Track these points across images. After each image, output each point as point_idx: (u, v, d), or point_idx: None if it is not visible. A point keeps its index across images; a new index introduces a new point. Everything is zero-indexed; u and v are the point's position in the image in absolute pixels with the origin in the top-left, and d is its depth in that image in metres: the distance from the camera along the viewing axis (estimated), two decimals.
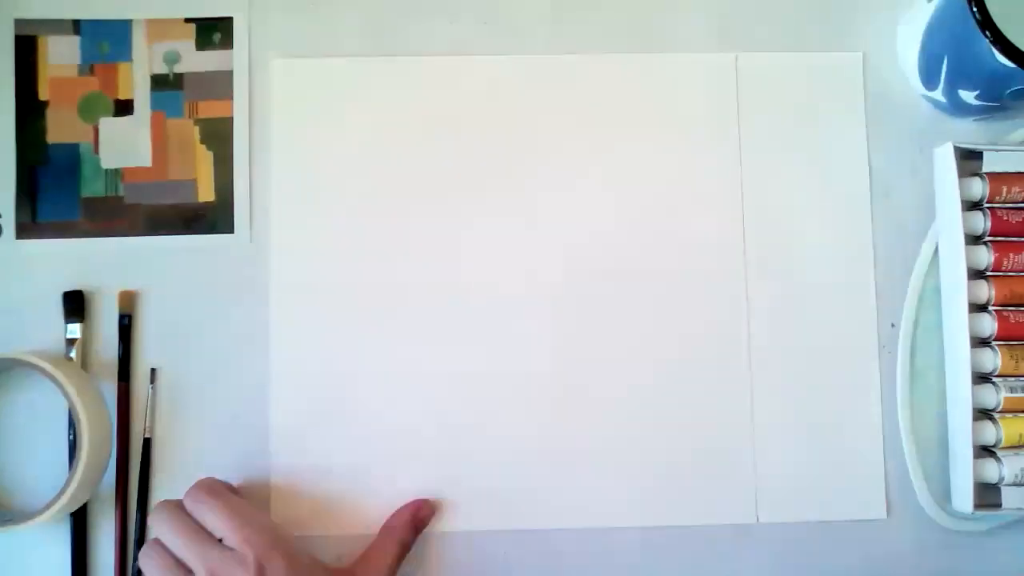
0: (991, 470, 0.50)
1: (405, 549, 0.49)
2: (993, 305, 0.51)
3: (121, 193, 0.52)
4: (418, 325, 0.51)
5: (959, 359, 0.51)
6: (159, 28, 0.53)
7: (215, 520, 0.44)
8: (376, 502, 0.50)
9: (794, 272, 0.52)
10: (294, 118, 0.52)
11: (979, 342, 0.51)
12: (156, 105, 0.53)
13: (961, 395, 0.50)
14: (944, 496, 0.52)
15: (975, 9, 0.45)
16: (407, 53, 0.53)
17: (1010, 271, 0.51)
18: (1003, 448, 0.50)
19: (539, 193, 0.52)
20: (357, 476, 0.50)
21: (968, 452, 0.50)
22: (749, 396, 0.51)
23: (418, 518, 0.50)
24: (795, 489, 0.51)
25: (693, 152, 0.53)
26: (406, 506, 0.50)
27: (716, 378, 0.51)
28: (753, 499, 0.51)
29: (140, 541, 0.50)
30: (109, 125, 0.52)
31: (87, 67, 0.53)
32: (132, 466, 0.51)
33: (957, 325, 0.51)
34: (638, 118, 0.53)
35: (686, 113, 0.53)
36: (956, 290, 0.51)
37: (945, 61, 0.50)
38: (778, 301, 0.52)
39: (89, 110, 0.52)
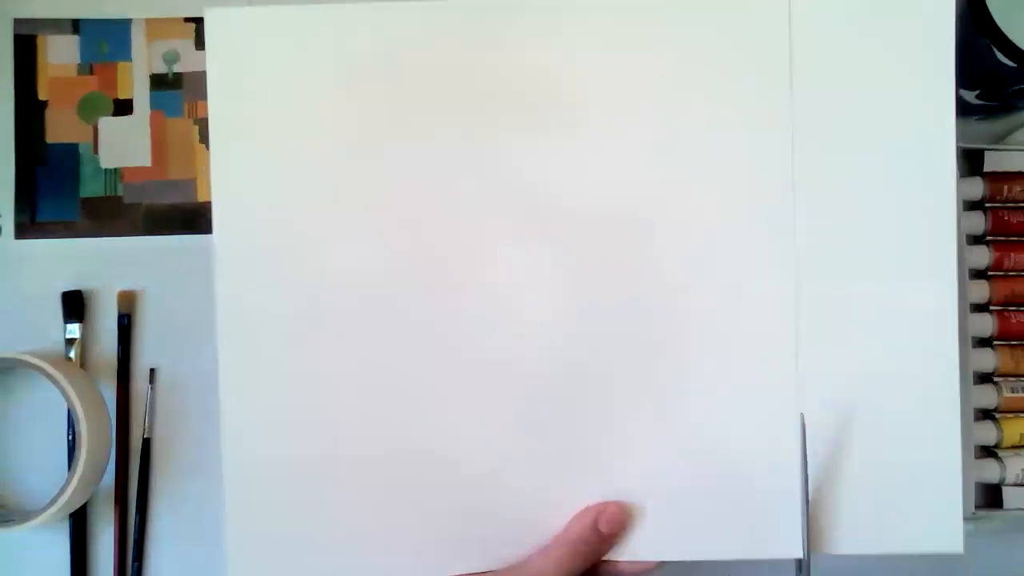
0: (992, 471, 0.50)
1: (580, 549, 0.40)
2: (993, 305, 0.51)
3: (120, 193, 0.52)
4: (416, 317, 0.42)
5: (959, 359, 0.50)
6: (158, 27, 0.53)
7: None
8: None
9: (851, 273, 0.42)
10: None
11: (979, 342, 0.51)
12: (155, 105, 0.52)
13: (961, 395, 0.50)
14: None
15: (975, 8, 0.45)
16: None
17: (1010, 271, 0.51)
18: (1004, 448, 0.50)
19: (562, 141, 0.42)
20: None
21: (969, 453, 0.50)
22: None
23: (602, 520, 0.41)
24: (856, 516, 0.42)
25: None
26: (587, 508, 0.42)
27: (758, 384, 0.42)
28: (800, 530, 0.41)
29: (139, 542, 0.50)
30: (108, 125, 0.52)
31: (86, 67, 0.52)
32: (132, 466, 0.50)
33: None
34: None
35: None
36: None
37: None
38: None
39: (88, 110, 0.52)
